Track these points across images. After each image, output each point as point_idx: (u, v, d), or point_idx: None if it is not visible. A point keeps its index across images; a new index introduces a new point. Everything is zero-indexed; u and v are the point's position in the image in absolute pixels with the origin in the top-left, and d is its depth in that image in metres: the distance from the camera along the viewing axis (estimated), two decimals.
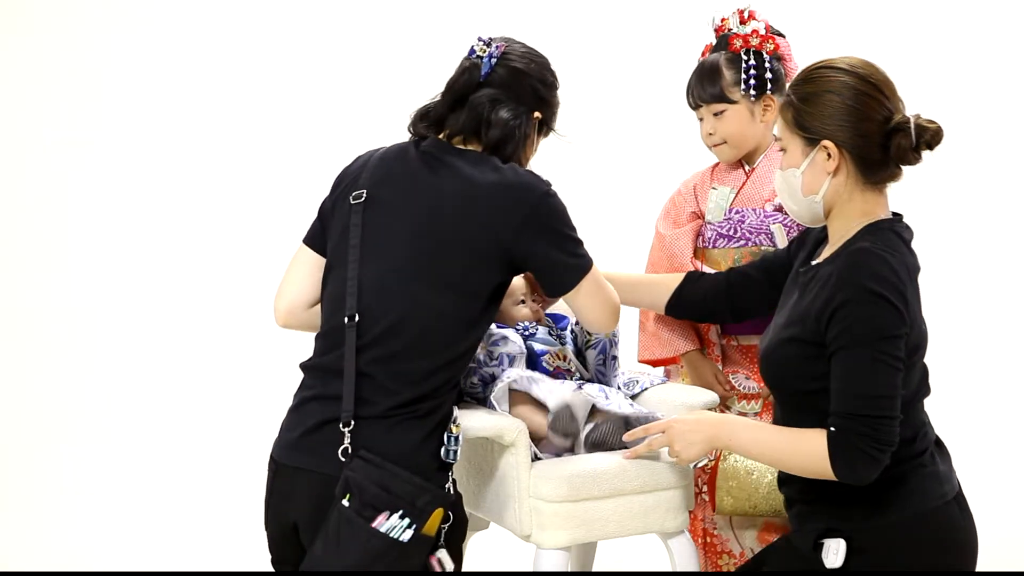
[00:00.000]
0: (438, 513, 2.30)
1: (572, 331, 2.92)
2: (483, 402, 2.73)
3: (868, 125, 2.30)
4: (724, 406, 3.05)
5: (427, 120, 2.50)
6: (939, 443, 2.43)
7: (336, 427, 2.32)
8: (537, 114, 2.54)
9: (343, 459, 2.30)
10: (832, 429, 2.27)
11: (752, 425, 2.43)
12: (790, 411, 2.43)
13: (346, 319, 2.36)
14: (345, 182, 2.51)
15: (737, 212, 3.05)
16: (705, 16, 3.12)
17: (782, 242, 2.99)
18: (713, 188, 3.09)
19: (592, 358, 2.87)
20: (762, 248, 3.01)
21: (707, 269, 3.06)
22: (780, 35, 3.06)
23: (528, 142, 2.54)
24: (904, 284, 2.25)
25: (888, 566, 2.31)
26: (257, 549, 2.60)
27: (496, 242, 2.37)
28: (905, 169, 2.38)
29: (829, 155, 2.33)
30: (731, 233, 3.04)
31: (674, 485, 2.67)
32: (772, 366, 2.43)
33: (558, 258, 2.43)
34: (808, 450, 2.29)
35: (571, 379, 2.81)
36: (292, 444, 2.37)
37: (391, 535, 2.25)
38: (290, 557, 2.40)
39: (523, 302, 2.92)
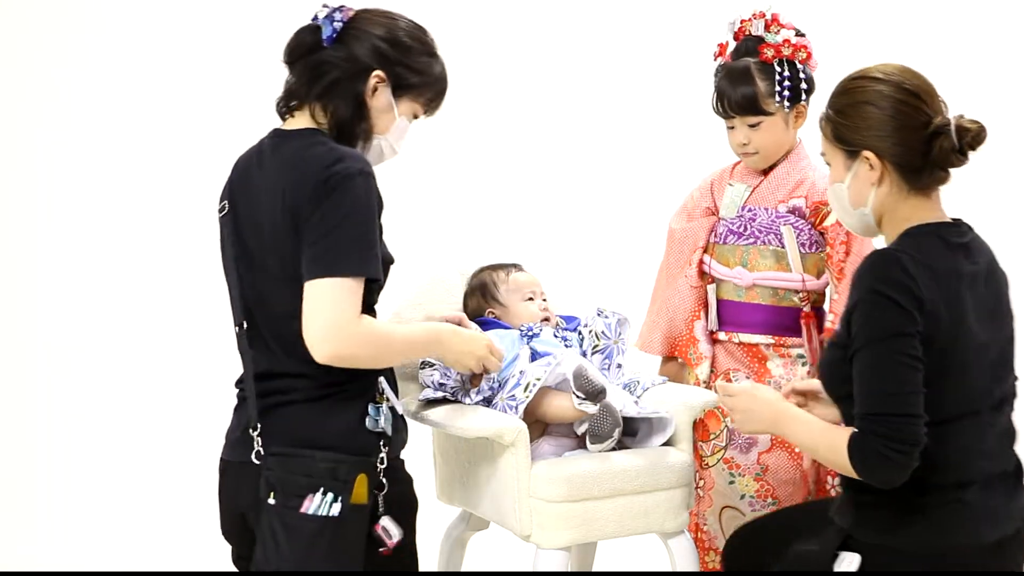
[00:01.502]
0: (362, 479, 2.30)
1: (580, 332, 2.92)
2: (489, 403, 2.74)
3: (907, 133, 2.28)
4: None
5: (287, 99, 2.43)
6: (1004, 478, 2.31)
7: (273, 414, 2.32)
8: (379, 72, 2.38)
9: (256, 462, 2.31)
10: (855, 430, 2.25)
11: (805, 420, 2.39)
12: (843, 415, 2.40)
13: (236, 328, 2.38)
14: (221, 195, 2.48)
15: (749, 210, 3.06)
16: (715, 12, 3.09)
17: (791, 244, 3.00)
18: (729, 185, 3.10)
19: (597, 362, 2.87)
20: (771, 248, 3.02)
21: (714, 264, 3.07)
22: (801, 35, 3.04)
23: (367, 103, 2.39)
24: (918, 284, 2.21)
25: None
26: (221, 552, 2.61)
27: (299, 223, 2.26)
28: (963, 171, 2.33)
29: (871, 166, 2.30)
30: (741, 230, 3.06)
31: (674, 485, 2.67)
32: (820, 370, 2.42)
33: (318, 241, 2.23)
34: (838, 448, 2.26)
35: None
36: (234, 442, 2.40)
37: (320, 513, 2.26)
38: (247, 553, 2.42)
39: (531, 299, 2.92)
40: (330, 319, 2.22)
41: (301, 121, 2.40)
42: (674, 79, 4.60)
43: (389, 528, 2.36)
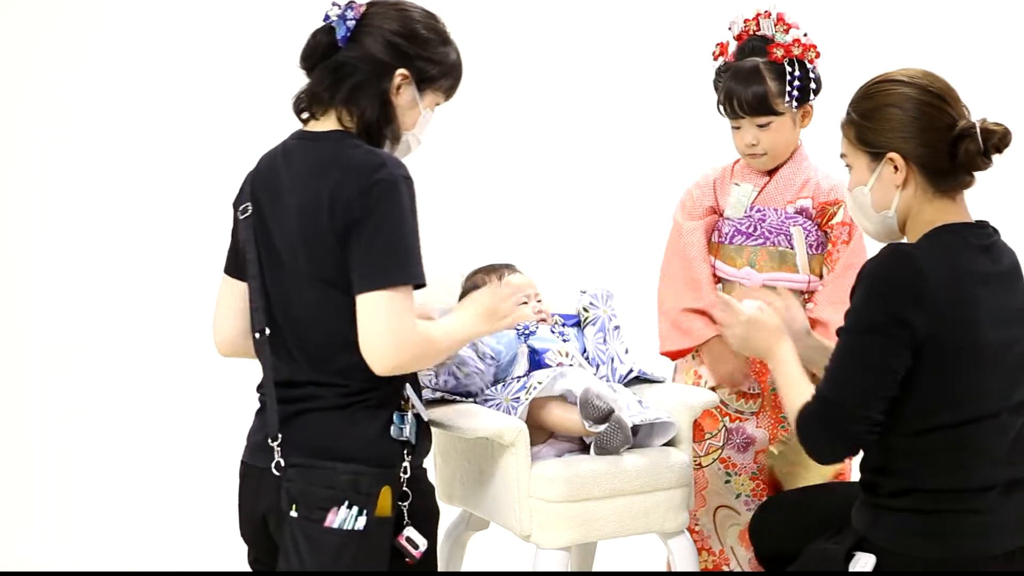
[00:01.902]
0: (386, 491, 2.28)
1: (578, 320, 2.92)
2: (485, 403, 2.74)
3: (933, 135, 2.28)
4: (722, 403, 3.05)
5: (304, 100, 2.40)
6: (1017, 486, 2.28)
7: (294, 423, 2.31)
8: (402, 71, 2.36)
9: (276, 473, 2.29)
10: (810, 399, 2.28)
11: (789, 366, 2.41)
12: None
13: (256, 335, 2.36)
14: (239, 196, 2.46)
15: (758, 210, 3.05)
16: (707, 11, 3.08)
17: (800, 245, 3.00)
18: (735, 184, 3.09)
19: (591, 335, 2.87)
20: (779, 248, 3.02)
21: (720, 265, 3.07)
22: (805, 34, 3.03)
23: (394, 103, 2.36)
24: (928, 283, 2.19)
25: None
26: (237, 552, 2.61)
27: (341, 228, 2.25)
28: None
29: (896, 168, 2.30)
30: (750, 231, 3.05)
31: (674, 485, 2.67)
32: None
33: (380, 246, 2.23)
34: (792, 409, 2.33)
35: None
36: (256, 446, 2.38)
37: (345, 527, 2.25)
38: (265, 557, 2.41)
39: (525, 302, 2.92)
40: (390, 331, 2.21)
41: (326, 123, 2.37)
42: (674, 78, 4.60)
43: (414, 538, 2.33)
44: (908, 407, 2.23)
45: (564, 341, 2.85)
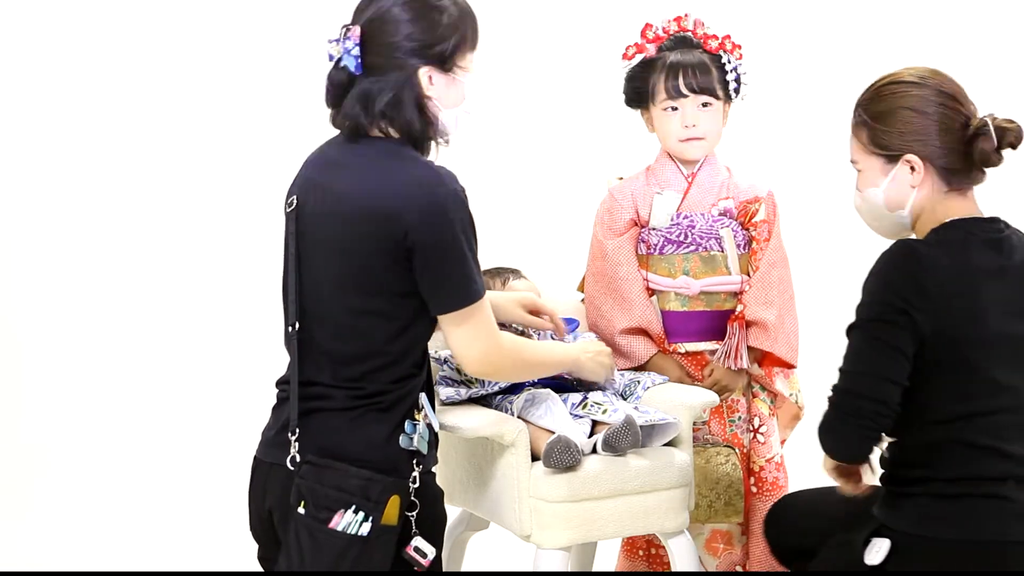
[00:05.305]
0: (394, 500, 2.28)
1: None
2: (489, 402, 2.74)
3: (950, 136, 2.30)
4: None
5: (342, 124, 2.40)
6: None
7: (307, 420, 2.32)
8: (424, 68, 2.33)
9: (291, 467, 2.30)
10: (826, 408, 2.31)
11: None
12: None
13: (289, 328, 2.37)
14: (289, 190, 2.47)
15: (685, 217, 3.01)
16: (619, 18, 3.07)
17: (731, 247, 2.99)
18: (658, 194, 3.03)
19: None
20: (710, 253, 3.00)
21: (652, 276, 3.02)
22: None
23: (427, 97, 2.35)
24: (929, 275, 2.22)
25: None
26: (247, 550, 2.61)
27: (396, 242, 2.28)
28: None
29: (913, 169, 2.31)
30: (681, 239, 3.00)
31: (674, 485, 2.67)
32: None
33: (446, 272, 2.31)
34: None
35: (574, 382, 2.80)
36: (269, 442, 2.40)
37: (348, 532, 2.25)
38: (272, 554, 2.41)
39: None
40: (485, 344, 2.36)
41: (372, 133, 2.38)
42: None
43: (422, 548, 2.33)
44: (921, 399, 2.25)
45: None
